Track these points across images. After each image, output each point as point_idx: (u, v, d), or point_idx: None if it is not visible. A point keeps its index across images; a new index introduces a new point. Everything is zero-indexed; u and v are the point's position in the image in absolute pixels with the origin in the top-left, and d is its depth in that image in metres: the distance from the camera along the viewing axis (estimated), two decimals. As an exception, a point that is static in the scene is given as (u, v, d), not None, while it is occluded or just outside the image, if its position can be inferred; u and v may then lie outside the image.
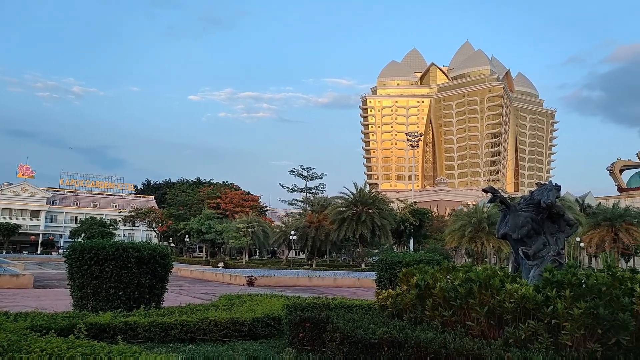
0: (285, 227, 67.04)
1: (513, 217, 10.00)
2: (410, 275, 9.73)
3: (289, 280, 34.55)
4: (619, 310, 7.10)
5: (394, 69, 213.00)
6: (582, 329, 6.90)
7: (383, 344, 7.27)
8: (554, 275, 7.67)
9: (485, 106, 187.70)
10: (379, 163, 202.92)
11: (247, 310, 11.99)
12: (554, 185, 9.99)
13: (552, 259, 9.64)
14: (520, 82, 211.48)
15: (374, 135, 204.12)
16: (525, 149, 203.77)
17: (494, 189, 10.07)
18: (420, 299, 8.79)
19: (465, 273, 8.59)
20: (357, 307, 12.71)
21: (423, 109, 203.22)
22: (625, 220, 61.46)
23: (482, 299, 7.80)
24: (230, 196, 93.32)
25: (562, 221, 10.16)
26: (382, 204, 57.12)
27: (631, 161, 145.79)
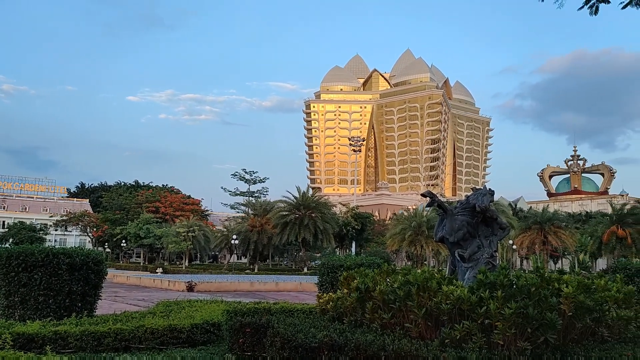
0: (227, 231, 66.09)
1: (450, 221, 10.32)
2: (350, 278, 9.81)
3: (230, 285, 34.06)
4: (547, 310, 7.46)
5: (338, 74, 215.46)
6: (512, 328, 7.20)
7: (323, 348, 7.28)
8: (487, 276, 7.96)
9: (425, 113, 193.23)
10: (322, 167, 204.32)
11: (185, 317, 11.70)
12: (488, 190, 10.39)
13: (486, 261, 10.01)
14: (458, 90, 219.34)
15: (317, 140, 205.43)
16: (462, 155, 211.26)
17: (432, 194, 10.36)
18: (361, 302, 8.89)
19: (404, 276, 8.76)
20: (298, 311, 12.68)
21: (365, 114, 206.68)
22: (553, 224, 64.87)
23: (420, 301, 7.98)
24: (170, 200, 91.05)
25: (495, 224, 10.58)
26: (324, 208, 57.49)
27: (560, 167, 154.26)
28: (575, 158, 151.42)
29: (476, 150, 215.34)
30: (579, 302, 7.86)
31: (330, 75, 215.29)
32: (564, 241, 63.72)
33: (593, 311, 8.10)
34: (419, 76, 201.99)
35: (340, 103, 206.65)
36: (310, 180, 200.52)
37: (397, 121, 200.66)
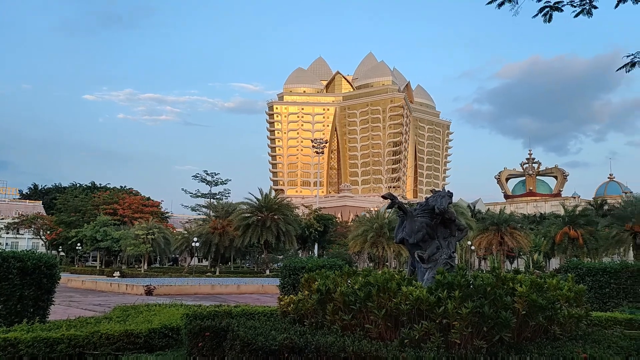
0: (188, 233, 65.06)
1: (410, 223, 10.46)
2: (312, 280, 9.81)
3: (191, 288, 33.55)
4: (502, 309, 7.65)
5: (301, 76, 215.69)
6: (469, 327, 7.35)
7: (284, 350, 7.25)
8: (445, 277, 8.11)
9: (387, 116, 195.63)
10: (284, 169, 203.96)
11: (143, 321, 11.44)
12: (446, 192, 10.59)
13: (445, 262, 10.20)
14: (420, 94, 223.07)
15: (280, 142, 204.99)
16: (423, 158, 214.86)
17: (392, 195, 10.48)
18: (322, 303, 8.89)
19: (364, 277, 8.83)
20: (259, 314, 12.61)
21: (328, 116, 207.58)
22: (509, 225, 66.74)
23: (380, 302, 8.05)
24: (129, 202, 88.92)
25: (453, 226, 10.79)
26: (287, 210, 57.34)
27: (516, 170, 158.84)
28: (531, 161, 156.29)
29: (437, 153, 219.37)
30: (532, 301, 8.10)
31: (293, 77, 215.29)
32: (520, 242, 65.60)
33: (546, 310, 8.35)
34: (381, 79, 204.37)
35: (303, 105, 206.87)
36: (273, 182, 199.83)
37: (359, 124, 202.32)
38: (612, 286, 18.57)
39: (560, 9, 10.76)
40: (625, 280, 18.53)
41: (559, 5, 10.72)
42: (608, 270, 18.77)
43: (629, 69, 11.42)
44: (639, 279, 18.93)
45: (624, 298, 18.36)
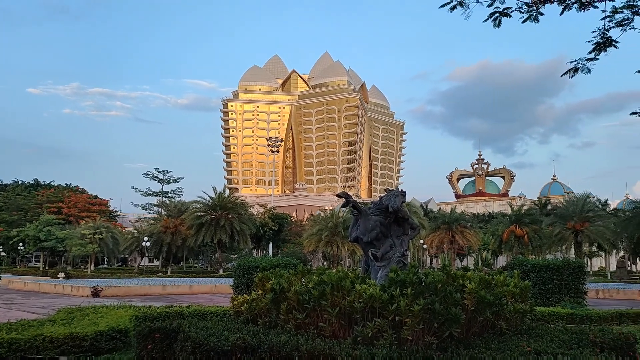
0: (138, 232, 63.37)
1: (364, 221, 10.57)
2: (266, 279, 9.76)
3: (141, 289, 32.70)
4: (452, 305, 7.83)
5: (256, 73, 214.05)
6: (421, 323, 7.49)
7: (236, 351, 7.17)
8: (398, 275, 8.23)
9: (343, 115, 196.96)
10: (239, 167, 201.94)
11: (89, 324, 11.06)
12: (400, 192, 10.76)
13: (398, 260, 10.35)
14: (375, 94, 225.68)
15: (235, 140, 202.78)
16: (378, 157, 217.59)
17: (347, 194, 10.56)
18: (275, 303, 8.85)
19: (318, 276, 8.85)
20: (212, 314, 12.45)
21: (284, 115, 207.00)
22: (460, 224, 68.57)
23: (334, 300, 8.09)
24: (75, 200, 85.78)
25: (406, 224, 10.98)
26: (241, 209, 56.81)
27: (466, 171, 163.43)
28: (480, 162, 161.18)
29: (391, 153, 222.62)
30: (481, 297, 8.34)
31: (248, 75, 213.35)
32: (470, 240, 67.49)
33: (493, 305, 8.61)
34: (337, 79, 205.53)
35: (259, 103, 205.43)
36: (227, 180, 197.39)
37: (315, 123, 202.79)
38: (555, 282, 19.39)
39: (509, 14, 11.07)
40: (567, 277, 19.39)
41: (508, 11, 11.01)
42: (551, 267, 19.59)
43: (572, 75, 11.88)
44: (579, 275, 19.86)
45: (565, 293, 19.20)
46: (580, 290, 19.53)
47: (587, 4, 11.04)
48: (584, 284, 20.02)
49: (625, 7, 10.24)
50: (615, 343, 8.69)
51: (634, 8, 10.31)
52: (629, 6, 10.25)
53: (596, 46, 11.07)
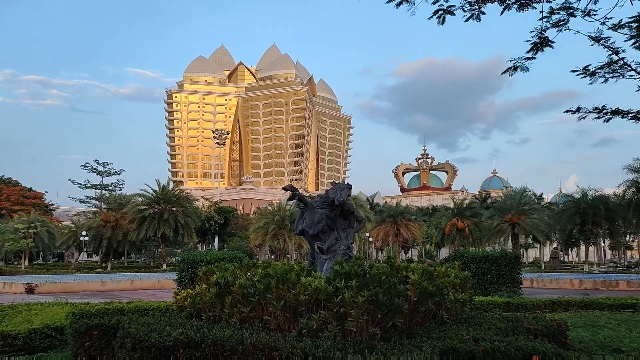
0: (76, 227, 60.84)
1: (310, 214, 10.58)
2: (210, 273, 9.61)
3: (78, 285, 31.44)
4: (396, 296, 7.99)
5: (202, 64, 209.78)
6: (365, 315, 7.60)
7: (179, 346, 7.02)
8: (343, 267, 8.30)
9: (290, 108, 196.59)
10: (184, 160, 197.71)
11: (22, 322, 10.55)
12: (346, 185, 10.84)
13: (343, 253, 10.44)
14: (322, 88, 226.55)
15: (180, 132, 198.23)
16: (325, 151, 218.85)
17: (293, 187, 10.53)
18: (220, 297, 8.73)
19: (264, 269, 8.80)
20: (154, 309, 12.17)
21: (231, 107, 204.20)
22: (405, 217, 70.09)
23: (279, 293, 8.06)
24: (7, 192, 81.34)
25: (352, 217, 11.08)
26: (186, 202, 55.65)
27: (411, 165, 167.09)
28: (425, 157, 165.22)
29: (338, 147, 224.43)
30: (423, 288, 8.55)
31: (194, 65, 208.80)
32: (414, 233, 69.12)
33: (435, 296, 8.85)
34: (285, 72, 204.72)
35: (205, 94, 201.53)
36: (172, 173, 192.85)
37: (262, 115, 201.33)
38: (493, 272, 20.18)
39: (453, 12, 11.32)
40: (504, 267, 20.22)
41: (452, 9, 11.25)
42: (489, 258, 20.37)
43: (512, 73, 12.30)
44: (515, 266, 20.77)
45: (503, 283, 20.03)
46: (516, 280, 20.42)
47: (526, 4, 11.46)
48: (520, 274, 20.94)
49: (561, 8, 10.71)
50: (547, 330, 9.15)
51: (569, 10, 10.80)
52: (565, 8, 10.73)
53: (534, 46, 11.53)
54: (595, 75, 12.44)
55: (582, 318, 13.24)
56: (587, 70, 12.39)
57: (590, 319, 13.10)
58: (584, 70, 12.39)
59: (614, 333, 10.96)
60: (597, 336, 10.56)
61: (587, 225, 56.42)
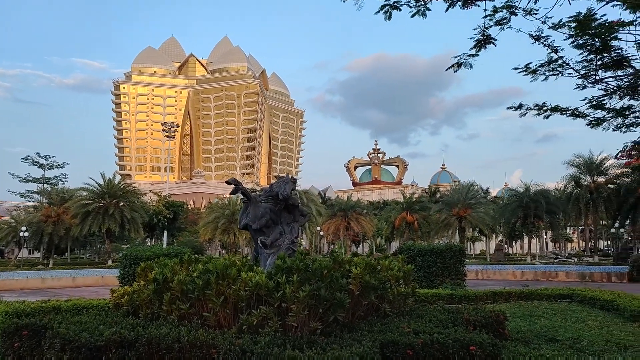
0: (16, 222, 57.95)
1: (253, 208, 10.40)
2: (149, 269, 9.29)
3: (17, 282, 30.01)
4: (338, 291, 7.95)
5: (151, 55, 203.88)
6: (306, 309, 7.52)
7: (111, 346, 6.73)
8: (285, 262, 8.19)
9: (242, 102, 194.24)
10: (132, 153, 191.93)
11: (-54, 324, 9.85)
12: (290, 179, 10.72)
13: (287, 247, 10.33)
14: (275, 81, 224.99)
15: (128, 124, 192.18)
16: (277, 145, 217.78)
17: (236, 181, 10.31)
18: (158, 293, 8.46)
19: (204, 265, 8.58)
20: (93, 307, 11.71)
21: (181, 99, 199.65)
22: (355, 211, 70.68)
23: (219, 289, 7.87)
24: (-60, 186, 76.60)
25: (297, 212, 10.98)
26: (133, 196, 53.90)
27: (363, 159, 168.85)
28: (376, 151, 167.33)
29: (290, 141, 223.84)
30: (366, 282, 8.55)
31: (143, 56, 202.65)
32: (364, 227, 69.82)
33: (377, 289, 8.89)
34: (237, 65, 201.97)
35: (154, 86, 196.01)
36: (119, 167, 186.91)
37: (214, 109, 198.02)
38: (438, 265, 20.58)
39: (399, 8, 11.34)
40: (449, 260, 20.66)
41: (398, 5, 11.27)
42: (435, 251, 20.76)
43: (457, 69, 12.48)
44: (460, 259, 21.26)
45: (447, 276, 20.46)
46: (461, 272, 20.90)
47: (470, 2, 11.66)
48: (464, 266, 21.44)
49: (504, 7, 10.96)
50: (486, 321, 9.37)
51: (511, 8, 11.06)
52: (507, 6, 10.98)
53: (477, 43, 11.75)
54: (537, 73, 12.78)
55: (521, 308, 13.67)
56: (529, 68, 12.72)
57: (528, 309, 13.54)
58: (525, 68, 12.71)
59: (550, 323, 11.37)
60: (534, 326, 10.91)
61: (530, 219, 58.65)
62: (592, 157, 55.37)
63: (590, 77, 12.91)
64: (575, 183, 56.12)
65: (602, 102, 13.66)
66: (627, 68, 12.51)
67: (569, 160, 55.96)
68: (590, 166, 54.94)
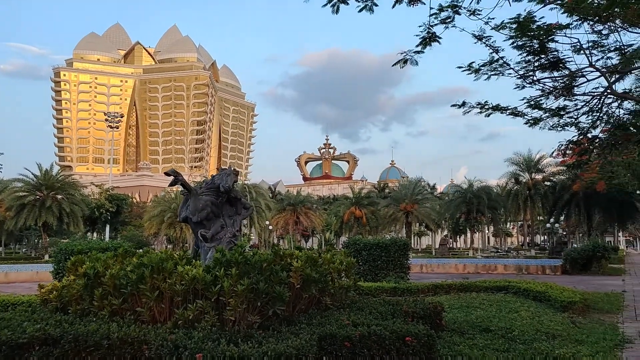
0: (-56, 215, 54.49)
1: (194, 201, 10.15)
2: (79, 263, 8.88)
3: (-59, 280, 28.22)
4: (277, 284, 7.86)
5: (95, 42, 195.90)
6: (244, 303, 7.38)
7: (34, 343, 6.38)
8: (224, 255, 8.02)
9: (192, 93, 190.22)
10: (73, 144, 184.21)
11: None
12: (232, 171, 10.52)
13: (229, 241, 10.14)
14: (226, 73, 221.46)
15: (69, 113, 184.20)
16: (228, 138, 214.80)
17: (175, 172, 10.03)
18: (89, 288, 8.10)
19: (139, 258, 8.29)
20: (24, 304, 11.15)
21: (127, 89, 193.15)
22: (305, 205, 70.88)
23: (154, 283, 7.62)
24: None
25: (239, 204, 10.80)
26: (72, 189, 51.74)
27: (314, 154, 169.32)
28: (327, 146, 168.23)
29: (241, 134, 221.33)
30: (307, 275, 8.50)
31: (85, 42, 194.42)
32: (313, 221, 70.13)
33: (319, 282, 8.86)
34: (186, 55, 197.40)
35: (98, 74, 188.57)
36: (59, 157, 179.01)
37: (161, 99, 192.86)
38: (383, 259, 20.86)
39: (346, 2, 11.31)
40: (393, 254, 20.96)
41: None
42: (380, 245, 21.03)
43: (403, 65, 12.58)
44: (405, 252, 21.61)
45: (392, 269, 20.77)
46: (405, 265, 21.25)
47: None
48: (408, 260, 21.83)
49: (449, 6, 11.14)
50: (424, 312, 9.54)
51: (455, 8, 11.25)
52: (452, 6, 11.17)
53: (422, 40, 11.90)
54: (479, 72, 13.05)
55: (460, 300, 14.05)
56: (472, 67, 12.97)
57: (466, 300, 13.93)
58: (468, 67, 12.96)
59: (485, 313, 11.72)
60: (470, 316, 11.23)
61: (473, 214, 60.62)
62: (531, 155, 57.88)
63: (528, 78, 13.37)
64: (515, 180, 58.46)
65: (539, 102, 14.17)
66: (563, 70, 13.04)
67: (509, 158, 58.25)
68: (529, 164, 57.38)
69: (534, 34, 11.47)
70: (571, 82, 13.39)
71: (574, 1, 10.45)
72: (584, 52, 11.91)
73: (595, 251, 32.00)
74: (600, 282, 25.19)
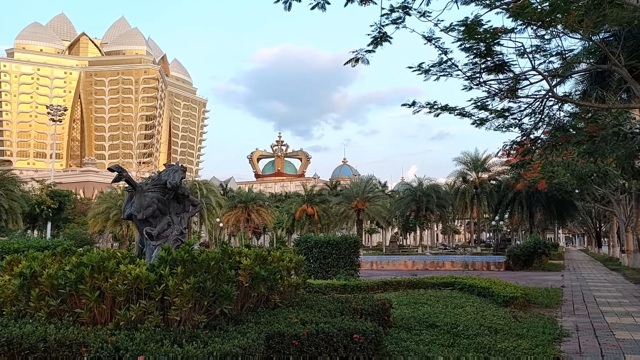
0: None
1: (139, 198, 9.83)
2: (15, 262, 8.44)
3: None
4: (225, 282, 7.72)
5: (37, 31, 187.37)
6: (190, 302, 7.20)
7: (-39, 349, 6.00)
8: (170, 253, 7.80)
9: (141, 87, 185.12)
10: (13, 137, 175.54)
11: None
12: (180, 167, 10.26)
13: (175, 239, 9.88)
14: (176, 68, 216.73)
15: (9, 105, 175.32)
16: (178, 134, 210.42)
17: (120, 168, 9.68)
18: (25, 289, 7.70)
19: (78, 257, 7.95)
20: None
21: (71, 81, 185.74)
22: (256, 203, 70.43)
23: (94, 283, 7.32)
24: None
25: (187, 201, 10.55)
26: (11, 184, 49.33)
27: (266, 151, 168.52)
28: (280, 143, 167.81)
29: (192, 130, 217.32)
30: (255, 273, 8.40)
31: (28, 32, 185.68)
32: (265, 218, 69.82)
33: (268, 280, 8.77)
34: (135, 48, 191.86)
35: (40, 65, 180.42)
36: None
37: (108, 93, 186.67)
38: (334, 256, 20.98)
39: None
40: (344, 251, 21.12)
41: (298, -5, 11.15)
42: (331, 243, 21.13)
43: (354, 64, 12.64)
44: (355, 250, 21.81)
45: (342, 266, 20.92)
46: (355, 263, 21.45)
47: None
48: (359, 257, 22.04)
49: (400, 7, 11.26)
50: (373, 309, 9.63)
51: (406, 9, 11.39)
52: (402, 7, 11.29)
53: (374, 40, 11.98)
54: (429, 73, 13.27)
55: (408, 297, 14.29)
56: (422, 67, 13.17)
57: (414, 297, 14.18)
58: (418, 67, 13.16)
59: (432, 309, 11.97)
60: (418, 313, 11.43)
61: (422, 212, 61.99)
62: (478, 155, 59.78)
63: (475, 79, 13.74)
64: (463, 179, 60.21)
65: (485, 104, 14.58)
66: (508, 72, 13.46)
67: (457, 158, 59.93)
68: (476, 163, 59.24)
69: (480, 37, 11.79)
70: (515, 84, 13.86)
71: (518, 6, 10.81)
72: (527, 56, 12.34)
73: (537, 248, 33.33)
74: (541, 277, 26.27)
